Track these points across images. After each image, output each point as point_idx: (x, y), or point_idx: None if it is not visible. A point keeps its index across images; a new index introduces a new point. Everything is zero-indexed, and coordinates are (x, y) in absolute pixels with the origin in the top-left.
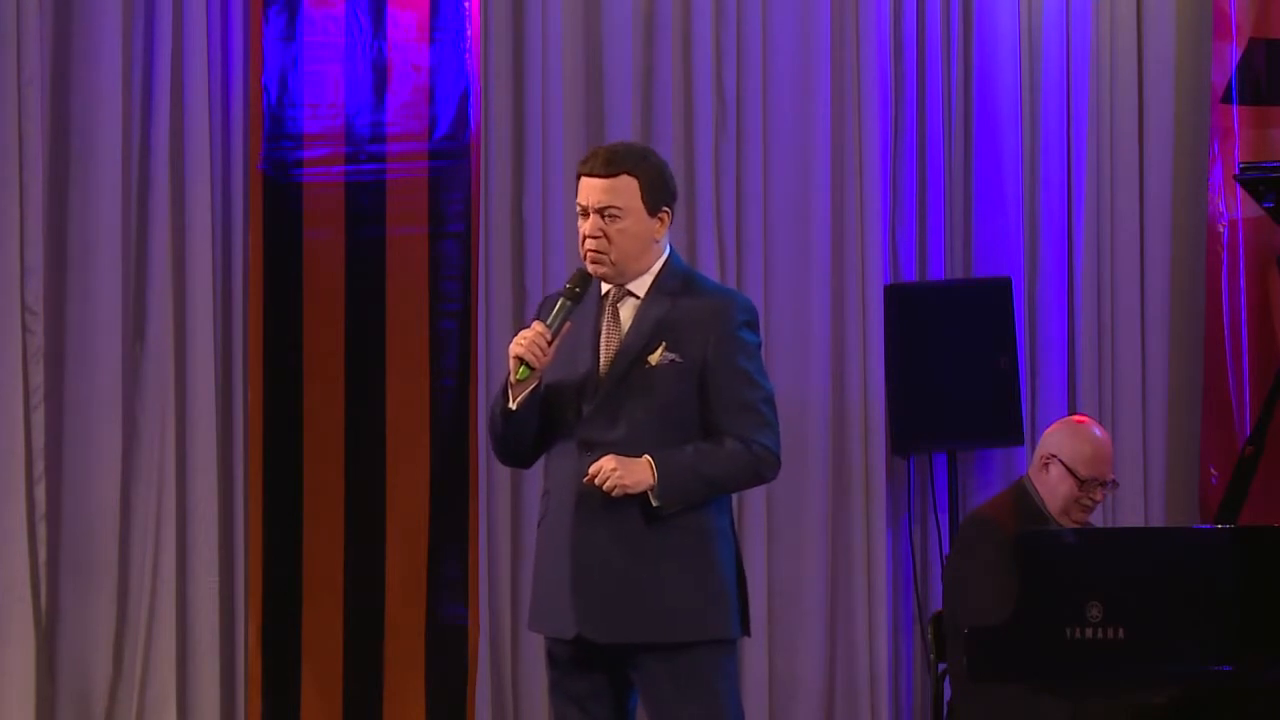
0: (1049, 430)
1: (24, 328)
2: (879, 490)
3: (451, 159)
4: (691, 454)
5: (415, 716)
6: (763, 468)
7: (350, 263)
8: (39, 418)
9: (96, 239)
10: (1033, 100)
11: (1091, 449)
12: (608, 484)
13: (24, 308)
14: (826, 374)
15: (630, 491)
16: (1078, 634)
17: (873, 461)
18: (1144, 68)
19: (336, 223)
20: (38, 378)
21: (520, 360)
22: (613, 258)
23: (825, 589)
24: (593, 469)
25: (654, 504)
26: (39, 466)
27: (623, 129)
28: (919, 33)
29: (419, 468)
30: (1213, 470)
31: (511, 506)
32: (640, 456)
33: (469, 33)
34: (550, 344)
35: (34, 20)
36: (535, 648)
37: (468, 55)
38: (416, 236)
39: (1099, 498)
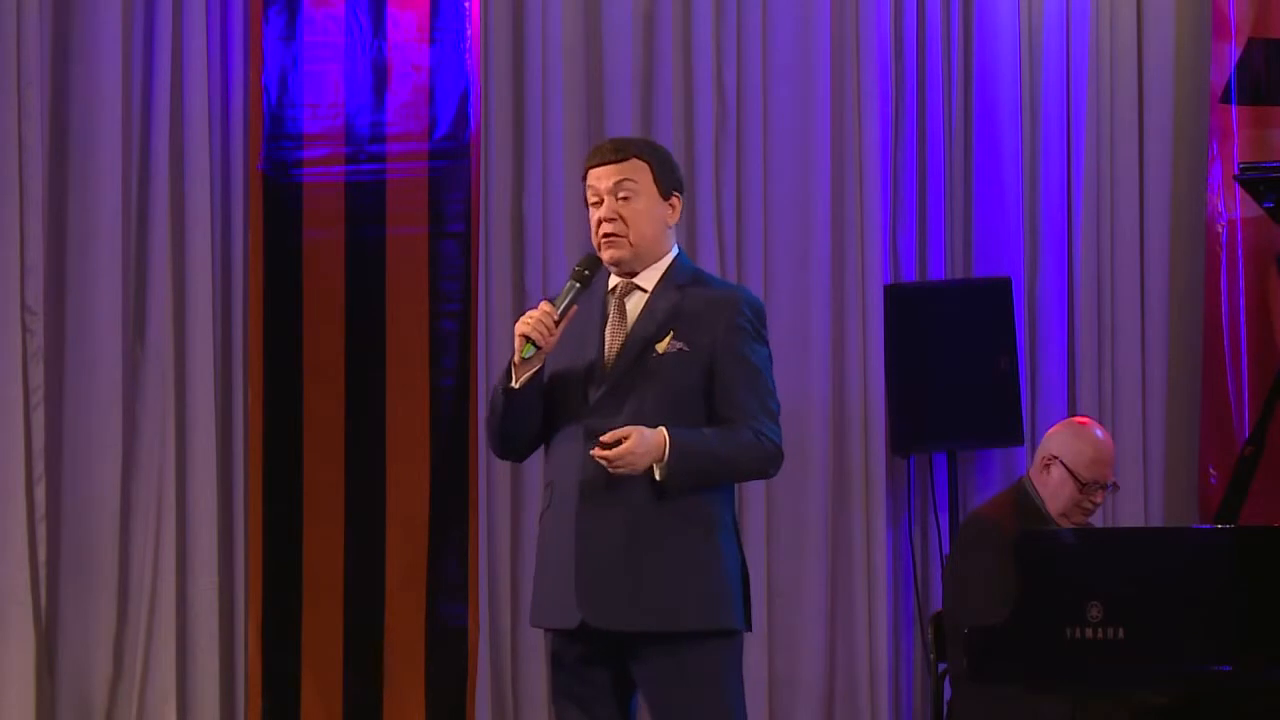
0: (1051, 431)
1: (24, 328)
2: (879, 490)
3: (451, 159)
4: (709, 436)
5: (415, 716)
6: (770, 462)
7: (350, 263)
8: (39, 418)
9: (96, 239)
10: (1033, 100)
11: (1093, 451)
12: (619, 466)
13: (24, 307)
14: (826, 374)
15: (636, 472)
16: (1078, 634)
17: (873, 461)
18: (1144, 68)
19: (336, 223)
20: (38, 378)
21: (526, 339)
22: (631, 239)
23: (825, 589)
24: (608, 440)
25: (658, 478)
26: (39, 466)
27: (623, 129)
28: (919, 33)
29: (419, 468)
30: (1212, 470)
31: (511, 506)
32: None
33: (469, 33)
34: (557, 324)
35: (34, 21)
36: (535, 648)
37: (468, 55)
38: (416, 236)
39: (1099, 500)
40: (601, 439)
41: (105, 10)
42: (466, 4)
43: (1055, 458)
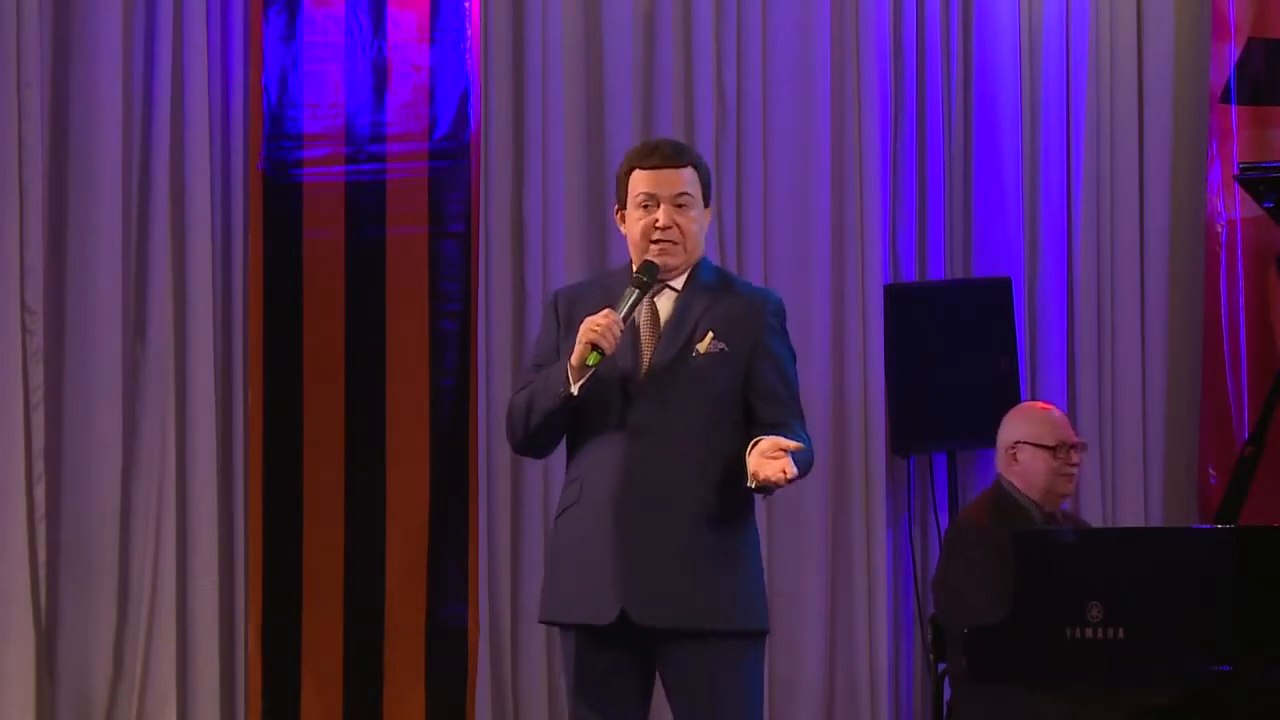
0: (1001, 427)
1: (24, 328)
2: (879, 490)
3: (451, 159)
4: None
5: (415, 716)
6: (812, 464)
7: (350, 263)
8: (39, 418)
9: (96, 239)
10: (1033, 100)
11: (1047, 420)
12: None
13: (24, 308)
14: (826, 374)
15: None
16: (1078, 634)
17: (873, 461)
18: (1144, 68)
19: (336, 223)
20: (38, 378)
21: (592, 346)
22: (685, 247)
23: (825, 589)
24: (787, 471)
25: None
26: (39, 466)
27: (622, 129)
28: (919, 33)
29: (419, 468)
30: (1212, 470)
31: (511, 507)
32: (698, 443)
33: (469, 33)
34: (621, 331)
35: (34, 22)
36: (535, 647)
37: (468, 55)
38: (416, 236)
39: (1076, 460)
40: (781, 476)
41: (105, 10)
42: (466, 4)
43: (1017, 442)
